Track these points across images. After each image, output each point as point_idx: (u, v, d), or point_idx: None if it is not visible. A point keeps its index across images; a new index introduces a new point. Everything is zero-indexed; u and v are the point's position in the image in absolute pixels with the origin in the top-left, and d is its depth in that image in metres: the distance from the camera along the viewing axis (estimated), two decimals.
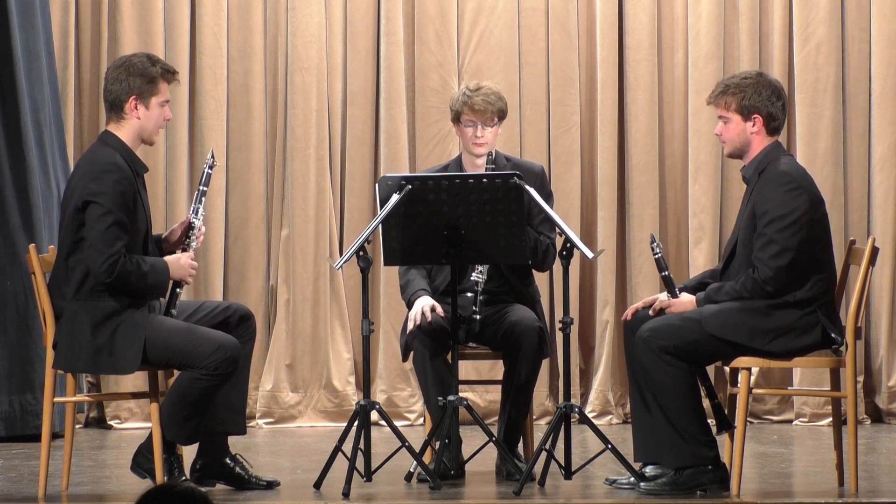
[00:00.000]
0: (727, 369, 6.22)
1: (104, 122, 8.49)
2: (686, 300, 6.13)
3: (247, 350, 6.22)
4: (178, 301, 6.13)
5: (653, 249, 6.18)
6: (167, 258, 6.13)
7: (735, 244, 6.15)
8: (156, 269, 6.05)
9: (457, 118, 6.62)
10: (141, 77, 6.10)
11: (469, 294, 6.49)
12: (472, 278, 6.49)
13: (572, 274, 8.28)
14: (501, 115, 6.62)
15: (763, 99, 6.11)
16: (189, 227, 6.22)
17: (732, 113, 6.13)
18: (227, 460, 6.23)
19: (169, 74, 6.15)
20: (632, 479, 6.14)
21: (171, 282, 6.13)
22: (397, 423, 7.22)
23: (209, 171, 6.23)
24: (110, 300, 5.99)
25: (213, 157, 6.27)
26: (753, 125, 6.13)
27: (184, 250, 6.20)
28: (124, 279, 5.96)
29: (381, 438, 6.84)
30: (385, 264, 6.32)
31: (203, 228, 6.27)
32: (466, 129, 6.59)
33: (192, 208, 6.24)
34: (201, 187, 6.22)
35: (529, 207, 6.34)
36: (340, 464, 6.16)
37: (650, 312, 6.16)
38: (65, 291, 6.05)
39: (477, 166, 6.61)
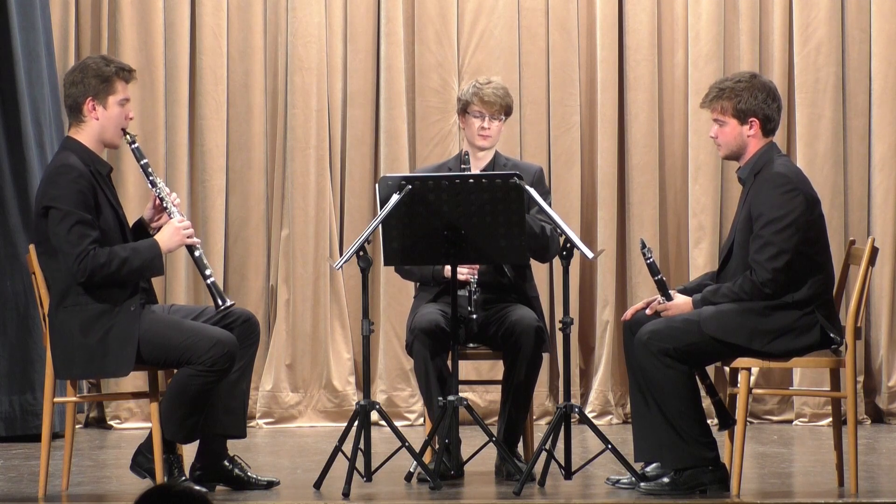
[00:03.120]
0: (727, 369, 6.23)
1: None
2: (682, 302, 6.13)
3: (249, 354, 6.21)
4: (204, 260, 6.09)
5: (644, 255, 6.17)
6: (156, 235, 6.12)
7: (731, 246, 6.14)
8: (139, 250, 6.01)
9: (464, 109, 6.64)
10: (96, 77, 6.06)
11: (464, 293, 6.48)
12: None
13: (572, 274, 8.28)
14: (508, 110, 6.66)
15: (759, 102, 6.10)
16: (159, 200, 6.20)
17: (728, 117, 6.12)
18: (226, 462, 6.23)
19: (125, 73, 6.11)
20: (632, 478, 6.14)
21: (189, 251, 6.12)
22: (397, 423, 7.22)
23: (134, 146, 6.14)
24: (97, 303, 5.97)
25: (128, 135, 6.14)
26: (750, 128, 6.12)
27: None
28: (100, 272, 5.92)
29: (381, 438, 6.84)
30: (385, 264, 6.32)
31: (168, 190, 6.20)
32: (474, 119, 6.61)
33: (148, 184, 6.19)
34: (141, 162, 6.16)
35: (528, 206, 6.34)
36: (340, 464, 6.16)
37: (647, 312, 6.16)
38: (49, 301, 6.04)
39: (478, 159, 6.63)
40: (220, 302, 6.10)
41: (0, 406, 7.90)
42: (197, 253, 6.14)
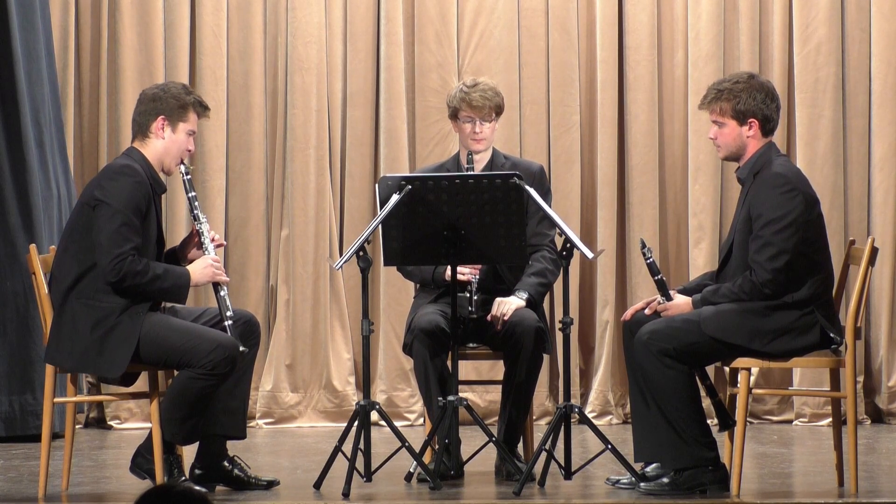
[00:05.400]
0: (727, 369, 6.22)
1: (105, 121, 8.61)
2: (682, 302, 6.12)
3: (250, 356, 6.21)
4: (227, 301, 6.11)
5: (644, 255, 6.17)
6: (188, 266, 6.15)
7: (731, 246, 6.14)
8: (172, 273, 6.05)
9: (454, 115, 6.64)
10: (175, 100, 6.17)
11: (464, 294, 6.47)
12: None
13: (572, 274, 8.29)
14: (499, 110, 6.64)
15: (758, 102, 6.09)
16: (197, 234, 6.24)
17: (727, 118, 6.11)
18: (225, 463, 6.23)
19: (200, 107, 6.22)
20: (632, 479, 6.14)
21: (215, 288, 6.15)
22: (397, 423, 7.22)
23: (187, 177, 6.23)
24: (111, 302, 5.99)
25: (185, 165, 6.25)
26: (749, 129, 6.11)
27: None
28: (132, 279, 5.95)
29: (381, 438, 6.84)
30: (385, 264, 6.31)
31: (209, 227, 6.26)
32: (465, 125, 6.61)
33: (192, 215, 6.25)
34: (189, 194, 6.23)
35: (527, 206, 6.34)
36: (340, 464, 6.16)
37: (647, 312, 6.16)
38: (60, 285, 6.05)
39: (476, 160, 6.63)
40: (224, 313, 6.11)
41: (0, 406, 7.90)
42: (222, 292, 6.14)
